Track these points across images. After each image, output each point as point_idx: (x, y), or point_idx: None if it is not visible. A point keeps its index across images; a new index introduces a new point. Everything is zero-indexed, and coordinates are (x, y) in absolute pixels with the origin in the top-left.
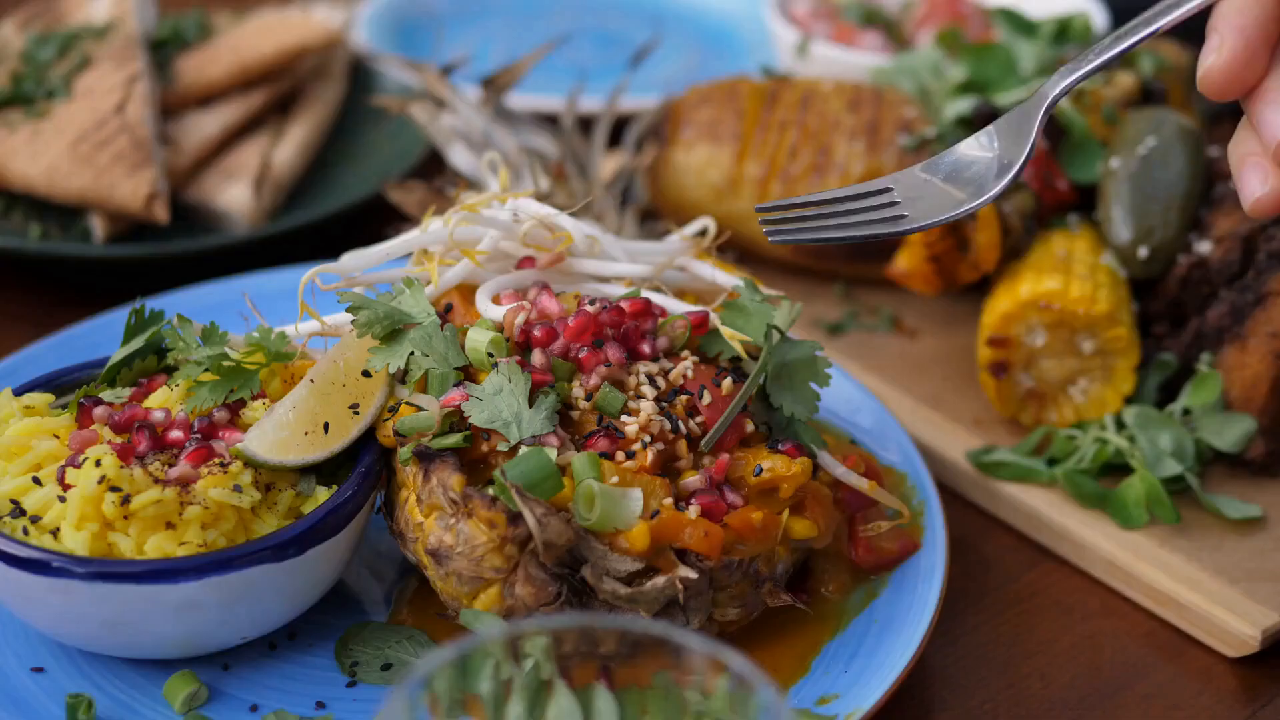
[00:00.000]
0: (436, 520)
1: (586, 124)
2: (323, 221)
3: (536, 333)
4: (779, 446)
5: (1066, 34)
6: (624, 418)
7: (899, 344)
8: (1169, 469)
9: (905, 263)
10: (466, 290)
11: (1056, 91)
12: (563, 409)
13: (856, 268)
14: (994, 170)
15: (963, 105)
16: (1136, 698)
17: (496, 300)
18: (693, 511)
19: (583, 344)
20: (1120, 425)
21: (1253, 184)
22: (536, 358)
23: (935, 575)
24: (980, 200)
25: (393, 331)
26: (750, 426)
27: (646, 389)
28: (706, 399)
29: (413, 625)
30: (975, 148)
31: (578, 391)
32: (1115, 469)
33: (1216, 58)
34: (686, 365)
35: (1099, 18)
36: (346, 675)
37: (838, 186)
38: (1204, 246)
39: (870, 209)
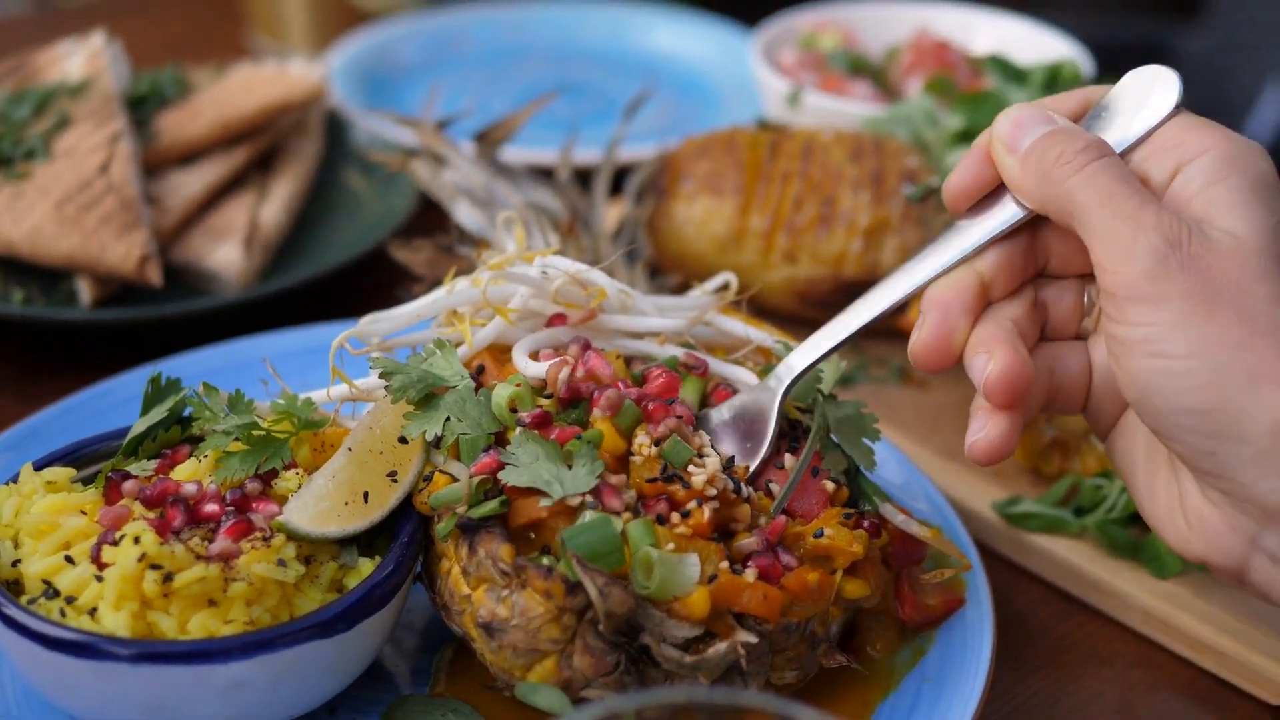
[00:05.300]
0: (487, 592)
1: (578, 176)
2: (319, 280)
3: (595, 395)
4: (863, 522)
5: (1057, 81)
6: (690, 468)
7: (909, 395)
8: None
9: None
10: (497, 351)
11: (785, 387)
12: (621, 455)
13: None
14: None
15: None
16: None
17: (535, 357)
18: (749, 574)
19: (660, 398)
20: None
21: (972, 429)
22: (598, 413)
23: (985, 630)
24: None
25: (427, 396)
26: (830, 485)
27: (709, 449)
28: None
29: (454, 697)
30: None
31: (643, 439)
32: (1142, 518)
33: (920, 334)
34: None
35: (1086, 65)
36: None
37: (844, 237)
38: None
39: None
